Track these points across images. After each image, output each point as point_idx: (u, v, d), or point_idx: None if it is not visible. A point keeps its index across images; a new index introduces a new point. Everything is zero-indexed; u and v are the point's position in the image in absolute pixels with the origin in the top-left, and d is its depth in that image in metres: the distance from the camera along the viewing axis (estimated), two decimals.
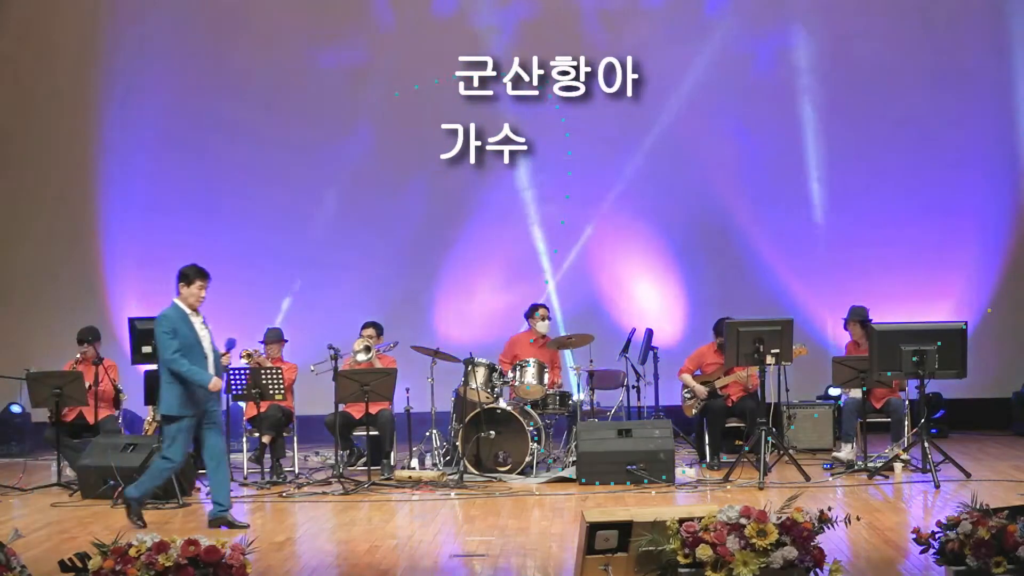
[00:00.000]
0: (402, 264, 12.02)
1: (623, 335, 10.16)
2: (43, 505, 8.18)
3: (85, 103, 12.00)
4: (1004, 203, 11.96)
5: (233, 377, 9.04)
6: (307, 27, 12.01)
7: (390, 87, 11.99)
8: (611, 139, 12.00)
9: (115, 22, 11.96)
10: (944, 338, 8.39)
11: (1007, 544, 4.81)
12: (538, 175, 12.08)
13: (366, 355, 9.46)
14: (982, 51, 11.91)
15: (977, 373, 9.32)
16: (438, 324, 11.86)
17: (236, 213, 12.00)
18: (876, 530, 6.62)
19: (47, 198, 12.11)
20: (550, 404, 9.57)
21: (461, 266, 11.97)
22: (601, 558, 4.90)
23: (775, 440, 8.87)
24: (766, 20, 12.02)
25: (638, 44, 12.00)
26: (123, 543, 4.76)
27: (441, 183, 12.01)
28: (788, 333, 8.72)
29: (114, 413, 9.56)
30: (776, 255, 11.97)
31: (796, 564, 4.68)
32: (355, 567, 6.08)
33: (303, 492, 8.60)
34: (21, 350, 11.33)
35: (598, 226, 12.02)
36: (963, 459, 8.83)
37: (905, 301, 11.16)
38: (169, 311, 7.36)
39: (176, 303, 7.40)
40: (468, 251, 11.96)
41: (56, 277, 12.00)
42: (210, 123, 11.95)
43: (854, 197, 11.95)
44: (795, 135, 12.02)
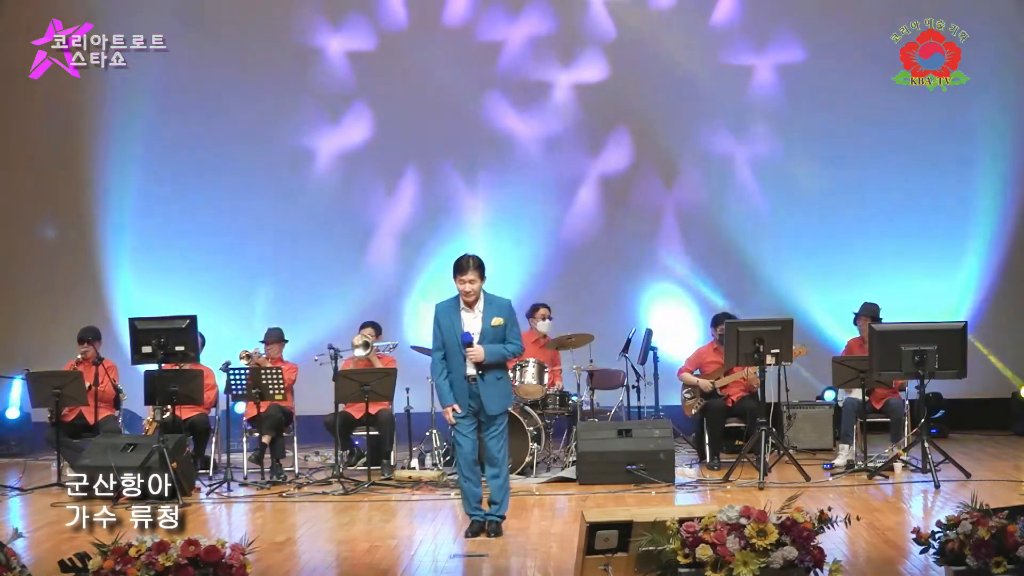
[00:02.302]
0: (402, 264, 12.03)
1: (623, 335, 10.16)
2: (43, 505, 8.18)
3: (85, 102, 12.01)
4: (1005, 202, 11.96)
5: (233, 377, 9.04)
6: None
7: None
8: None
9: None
10: (944, 338, 8.39)
11: (1007, 544, 4.80)
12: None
13: (364, 351, 9.45)
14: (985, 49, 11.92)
15: (977, 373, 9.32)
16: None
17: (237, 213, 12.01)
18: (876, 530, 6.62)
19: (47, 198, 12.11)
20: (550, 404, 9.57)
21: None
22: (601, 558, 4.90)
23: (775, 440, 8.87)
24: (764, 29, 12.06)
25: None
26: (123, 543, 4.76)
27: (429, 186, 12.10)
28: (788, 333, 8.71)
29: (114, 413, 9.57)
30: (776, 255, 11.98)
31: (796, 564, 4.67)
32: (355, 567, 6.08)
33: (303, 492, 8.60)
34: (21, 350, 11.34)
35: (599, 225, 12.06)
36: (963, 459, 8.82)
37: (905, 301, 11.15)
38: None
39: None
40: (468, 251, 11.94)
41: (56, 277, 12.02)
42: (208, 123, 11.97)
43: (854, 197, 11.95)
44: (795, 135, 12.04)
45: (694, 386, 9.79)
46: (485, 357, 6.69)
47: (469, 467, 6.88)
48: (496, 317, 6.75)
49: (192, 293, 11.41)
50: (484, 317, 6.75)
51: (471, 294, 6.73)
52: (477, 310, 6.77)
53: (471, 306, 6.77)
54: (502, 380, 6.87)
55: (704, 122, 12.05)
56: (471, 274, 6.69)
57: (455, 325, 6.75)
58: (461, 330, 6.71)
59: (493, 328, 6.73)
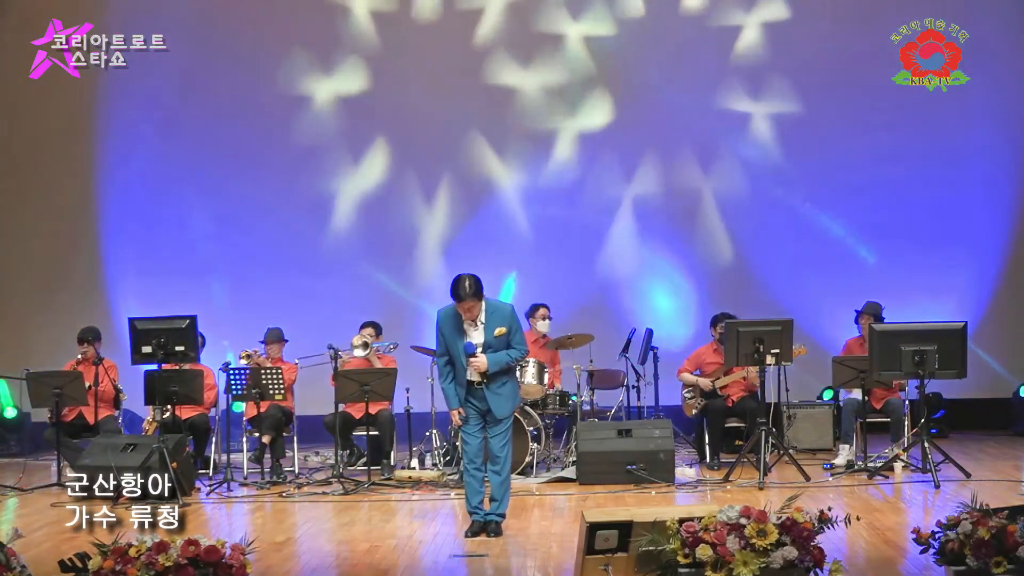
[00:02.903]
0: (403, 264, 12.03)
1: (623, 335, 10.16)
2: (43, 505, 8.17)
3: (85, 102, 12.01)
4: (1005, 202, 11.96)
5: (233, 377, 9.04)
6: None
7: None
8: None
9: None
10: (944, 338, 8.38)
11: (1007, 544, 4.81)
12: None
13: (363, 351, 9.45)
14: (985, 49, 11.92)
15: (977, 373, 9.32)
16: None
17: (236, 212, 12.02)
18: (876, 530, 6.61)
19: (48, 199, 12.11)
20: (550, 404, 9.56)
21: (461, 266, 11.95)
22: (601, 558, 4.90)
23: (775, 440, 8.87)
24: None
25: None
26: (123, 543, 4.76)
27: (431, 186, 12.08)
28: (788, 333, 8.71)
29: (114, 413, 9.57)
30: (776, 255, 11.97)
31: (796, 564, 4.68)
32: (355, 567, 6.08)
33: (303, 492, 8.60)
34: (21, 350, 11.34)
35: (597, 226, 12.05)
36: (963, 459, 8.82)
37: (905, 301, 11.15)
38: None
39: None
40: (467, 251, 11.97)
41: (56, 277, 12.02)
42: (208, 123, 11.97)
43: (854, 196, 11.95)
44: (795, 136, 12.03)
45: (694, 386, 9.79)
46: (489, 367, 6.66)
47: (474, 464, 6.89)
48: (499, 327, 6.69)
49: (192, 293, 11.41)
50: (487, 329, 6.70)
51: (473, 314, 6.67)
52: (479, 322, 6.72)
53: (473, 320, 6.73)
54: (508, 384, 6.83)
55: (714, 113, 12.06)
56: (469, 302, 6.60)
57: (457, 336, 6.71)
58: (463, 341, 6.68)
59: (496, 339, 6.69)
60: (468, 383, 6.73)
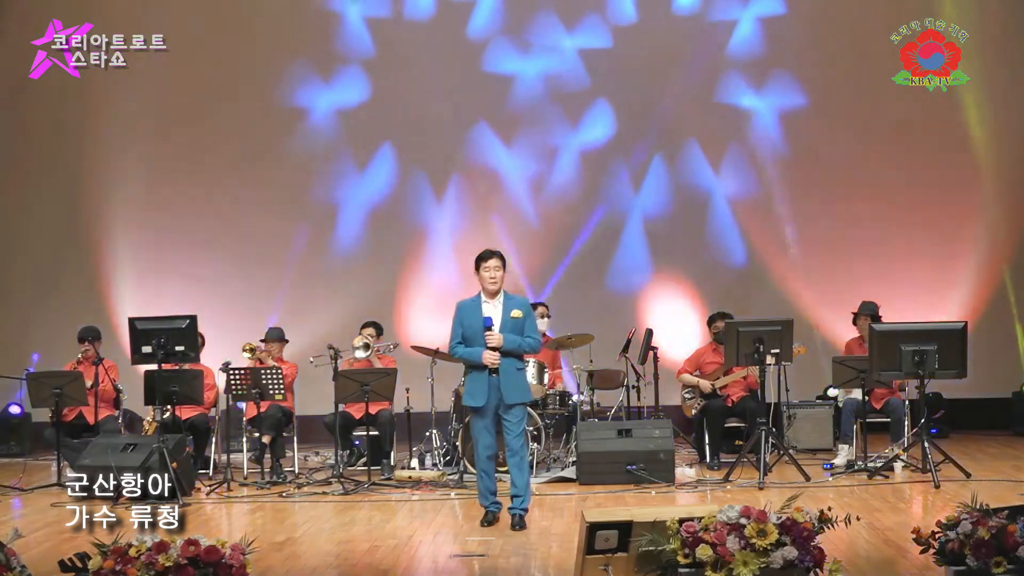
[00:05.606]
0: (403, 264, 12.03)
1: (623, 335, 10.15)
2: (43, 505, 8.18)
3: (85, 102, 12.01)
4: (1005, 202, 11.96)
5: (233, 377, 9.04)
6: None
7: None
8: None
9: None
10: (944, 338, 8.38)
11: (1007, 544, 4.81)
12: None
13: (364, 352, 9.46)
14: (985, 49, 11.92)
15: (977, 373, 9.31)
16: (438, 324, 11.84)
17: (237, 213, 12.01)
18: (876, 530, 6.61)
19: (47, 198, 12.11)
20: (550, 404, 9.56)
21: (461, 266, 11.98)
22: (601, 558, 4.90)
23: (775, 440, 8.87)
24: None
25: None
26: (123, 543, 4.76)
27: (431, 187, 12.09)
28: (788, 333, 8.71)
29: (114, 413, 9.57)
30: (776, 255, 11.98)
31: (796, 564, 4.68)
32: (355, 567, 6.08)
33: (303, 492, 8.61)
34: (21, 350, 11.34)
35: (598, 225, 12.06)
36: (963, 459, 8.82)
37: (905, 301, 11.15)
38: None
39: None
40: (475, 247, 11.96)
41: (56, 277, 12.02)
42: (208, 123, 11.97)
43: (854, 197, 11.95)
44: (795, 134, 12.04)
45: (694, 386, 9.79)
46: (504, 344, 6.90)
47: (486, 462, 7.06)
48: (516, 310, 7.02)
49: (192, 293, 11.42)
50: (504, 309, 7.01)
51: (496, 280, 6.99)
52: (498, 301, 7.04)
53: (493, 296, 7.01)
54: (521, 371, 7.08)
55: (711, 118, 12.07)
56: (495, 260, 7.00)
57: (477, 316, 6.98)
58: (483, 317, 6.94)
59: (512, 320, 6.99)
60: (483, 374, 6.93)
